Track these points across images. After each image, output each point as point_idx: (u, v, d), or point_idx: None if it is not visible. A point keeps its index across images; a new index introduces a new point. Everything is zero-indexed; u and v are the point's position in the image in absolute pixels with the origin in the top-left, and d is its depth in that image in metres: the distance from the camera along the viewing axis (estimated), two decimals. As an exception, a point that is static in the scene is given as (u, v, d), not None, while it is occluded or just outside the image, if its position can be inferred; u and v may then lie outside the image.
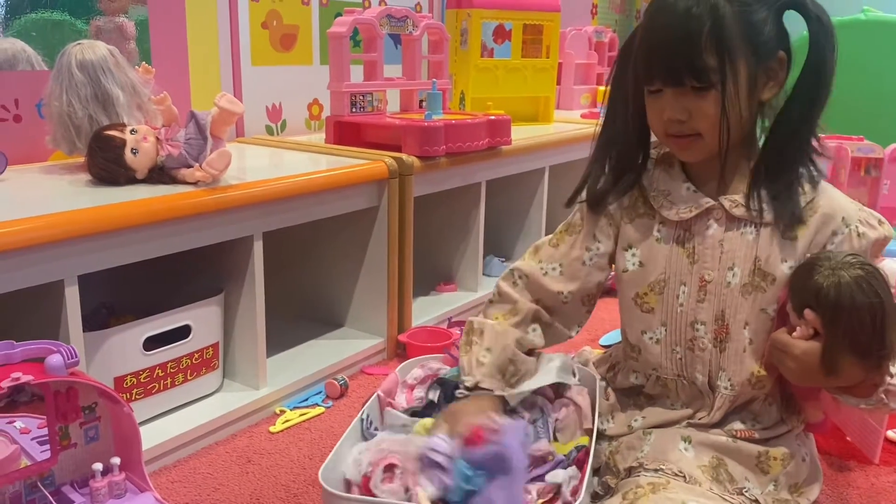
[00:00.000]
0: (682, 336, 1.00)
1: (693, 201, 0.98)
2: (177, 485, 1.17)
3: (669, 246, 1.00)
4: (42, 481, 0.96)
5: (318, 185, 1.44)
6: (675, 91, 0.91)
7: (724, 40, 0.87)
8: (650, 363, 1.03)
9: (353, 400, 1.46)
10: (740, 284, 0.96)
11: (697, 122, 0.91)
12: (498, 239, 2.28)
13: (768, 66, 0.92)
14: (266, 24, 1.93)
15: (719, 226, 0.98)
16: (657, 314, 1.02)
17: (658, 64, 0.91)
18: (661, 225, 1.01)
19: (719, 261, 0.97)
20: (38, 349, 0.91)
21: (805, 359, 0.89)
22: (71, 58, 1.33)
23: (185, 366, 1.30)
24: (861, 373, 0.89)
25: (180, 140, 1.28)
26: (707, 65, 0.88)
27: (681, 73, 0.89)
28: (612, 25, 3.94)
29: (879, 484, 1.19)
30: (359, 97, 1.79)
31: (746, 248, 0.96)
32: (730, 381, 0.98)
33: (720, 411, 0.98)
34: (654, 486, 0.91)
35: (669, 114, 0.92)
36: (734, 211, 0.96)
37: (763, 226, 0.96)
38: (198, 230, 1.24)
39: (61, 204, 1.11)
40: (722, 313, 0.97)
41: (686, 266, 0.99)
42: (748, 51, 0.89)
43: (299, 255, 1.74)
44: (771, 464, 0.96)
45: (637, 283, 1.03)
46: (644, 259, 1.02)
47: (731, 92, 0.89)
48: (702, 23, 0.87)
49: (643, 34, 0.94)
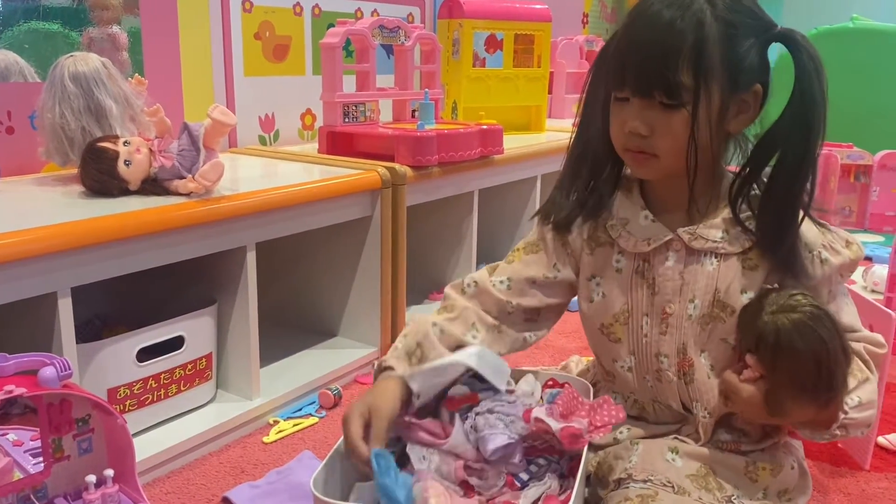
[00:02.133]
0: (649, 366, 0.99)
1: (651, 233, 0.95)
2: (171, 496, 1.17)
3: (629, 277, 0.98)
4: (35, 494, 0.95)
5: (311, 196, 1.44)
6: (643, 103, 0.87)
7: (704, 61, 0.83)
8: (627, 388, 1.03)
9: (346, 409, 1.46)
10: (699, 315, 0.94)
11: (659, 139, 0.87)
12: (491, 247, 2.28)
13: (742, 98, 0.88)
14: (259, 35, 1.93)
15: (678, 258, 0.94)
16: (625, 344, 1.00)
17: (631, 70, 0.86)
18: (619, 255, 0.98)
19: (680, 293, 0.95)
20: (31, 361, 0.91)
21: (752, 401, 0.89)
22: (64, 70, 1.34)
23: (178, 377, 1.30)
24: (811, 412, 0.88)
25: (173, 151, 1.28)
26: (681, 82, 0.83)
27: (652, 84, 0.85)
28: (602, 34, 3.96)
29: (870, 490, 1.20)
30: (351, 107, 1.80)
31: (707, 279, 0.94)
32: (705, 410, 0.97)
33: (706, 433, 0.98)
34: (643, 497, 0.91)
35: (632, 126, 0.88)
36: (693, 244, 0.93)
37: (724, 257, 0.93)
38: (191, 241, 1.24)
39: (54, 216, 1.11)
40: (684, 346, 0.96)
41: (647, 297, 0.97)
42: (725, 77, 0.85)
43: (292, 265, 1.75)
44: (759, 473, 0.97)
45: (602, 314, 1.00)
46: (606, 290, 1.00)
47: (701, 116, 0.84)
48: (684, 38, 0.82)
49: (621, 36, 0.89)
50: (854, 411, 0.90)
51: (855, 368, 0.92)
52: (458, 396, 0.98)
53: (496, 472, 0.95)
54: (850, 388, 0.90)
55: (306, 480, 1.14)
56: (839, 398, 0.88)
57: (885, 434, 1.33)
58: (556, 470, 0.95)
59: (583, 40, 3.06)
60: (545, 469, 0.94)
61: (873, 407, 0.92)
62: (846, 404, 0.89)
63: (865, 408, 0.90)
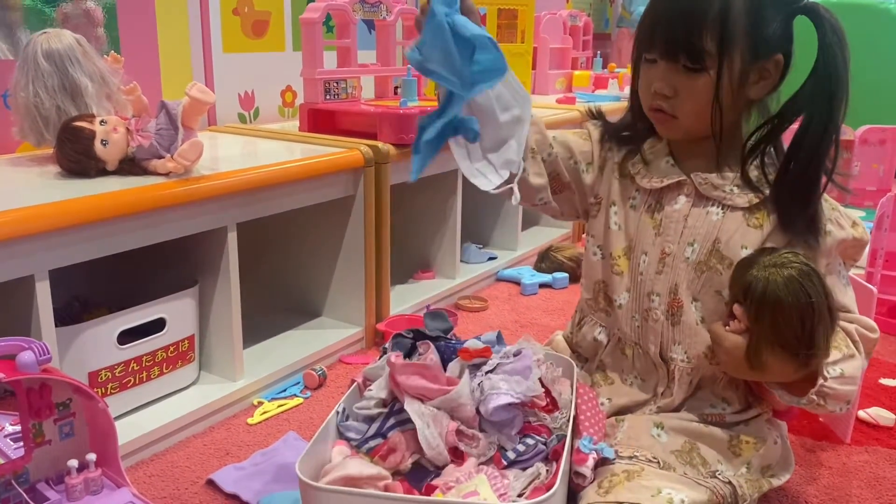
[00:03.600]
0: (640, 305, 1.02)
1: (666, 173, 1.01)
2: (154, 479, 1.16)
3: (639, 214, 1.03)
4: (16, 479, 0.95)
5: (292, 175, 1.42)
6: (669, 66, 0.93)
7: (727, 28, 0.88)
8: (614, 324, 1.06)
9: (331, 390, 1.46)
10: (695, 261, 0.98)
11: (680, 101, 0.93)
12: (475, 226, 2.28)
13: (763, 66, 0.93)
14: (237, 11, 1.90)
15: (687, 201, 1.00)
16: (624, 279, 1.04)
17: (660, 34, 0.92)
18: (636, 192, 1.04)
19: (681, 235, 0.99)
20: (9, 346, 0.90)
21: (734, 352, 0.91)
22: (37, 47, 1.30)
23: (160, 359, 1.28)
24: (790, 371, 0.89)
25: (151, 130, 1.26)
26: (704, 48, 0.89)
27: (678, 48, 0.91)
28: (586, 9, 3.94)
29: (851, 463, 1.22)
30: (333, 84, 1.78)
31: (709, 226, 0.98)
32: (686, 354, 0.99)
33: (681, 389, 1.00)
34: (629, 473, 0.92)
35: (657, 86, 0.94)
36: (703, 189, 0.98)
37: (730, 209, 0.97)
38: (170, 222, 1.22)
39: (30, 197, 1.09)
40: (676, 287, 0.99)
41: (651, 236, 1.02)
42: (747, 44, 0.90)
43: (275, 245, 1.73)
44: (742, 447, 0.98)
45: (614, 244, 1.05)
46: (621, 221, 1.05)
47: (724, 82, 0.90)
48: (710, 6, 0.88)
49: (653, 1, 0.95)
50: (835, 381, 0.90)
51: (842, 343, 0.93)
52: (473, 349, 1.01)
53: (487, 442, 0.96)
54: (835, 359, 0.91)
55: (291, 461, 1.15)
56: (819, 359, 0.89)
57: (866, 408, 1.34)
58: (542, 451, 0.96)
59: (566, 15, 3.03)
60: (533, 450, 0.95)
61: (855, 384, 0.92)
62: (827, 373, 0.90)
63: (847, 381, 0.91)
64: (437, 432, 0.94)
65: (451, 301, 1.94)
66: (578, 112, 2.41)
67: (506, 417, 0.97)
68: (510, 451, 0.96)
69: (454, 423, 0.96)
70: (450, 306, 1.91)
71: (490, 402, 0.95)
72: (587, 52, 3.23)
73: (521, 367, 1.00)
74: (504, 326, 1.78)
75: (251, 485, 1.13)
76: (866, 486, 1.15)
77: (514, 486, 0.90)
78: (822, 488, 1.15)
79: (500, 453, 0.97)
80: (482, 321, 1.83)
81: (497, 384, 0.97)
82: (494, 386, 0.97)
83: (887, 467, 1.20)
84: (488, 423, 0.97)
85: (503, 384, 0.97)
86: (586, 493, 0.92)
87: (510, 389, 0.96)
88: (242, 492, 1.11)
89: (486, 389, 0.97)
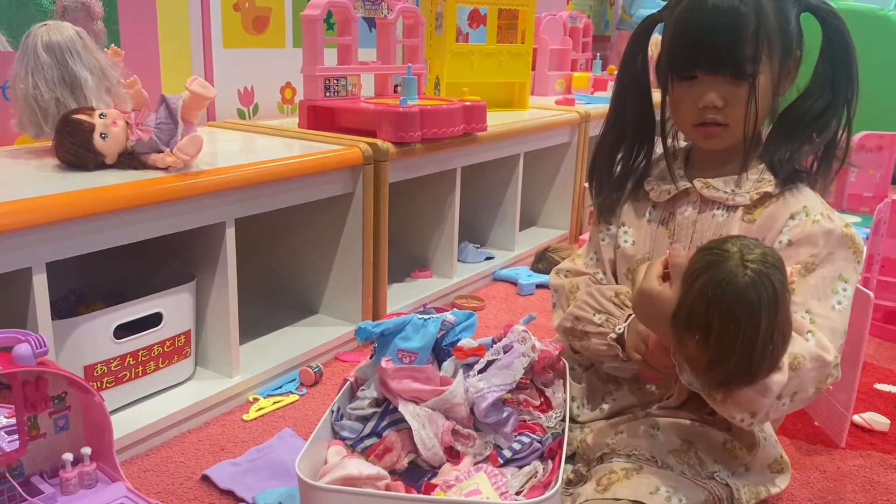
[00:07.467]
0: None
1: (673, 183, 1.03)
2: (149, 474, 1.16)
3: (655, 226, 1.05)
4: (11, 472, 0.94)
5: (291, 171, 1.42)
6: (712, 79, 0.93)
7: (765, 36, 0.91)
8: None
9: (327, 387, 1.46)
10: None
11: (731, 110, 0.94)
12: (473, 225, 2.28)
13: (789, 64, 0.97)
14: (238, 6, 1.89)
15: (694, 208, 1.02)
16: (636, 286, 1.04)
17: (703, 52, 0.93)
18: (652, 208, 1.07)
19: (691, 240, 1.01)
20: (6, 338, 0.89)
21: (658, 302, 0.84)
22: (37, 39, 1.30)
23: (156, 354, 1.28)
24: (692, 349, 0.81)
25: (150, 124, 1.26)
26: (748, 56, 0.91)
27: (724, 64, 0.92)
28: (586, 11, 3.94)
29: (846, 467, 1.22)
30: (333, 81, 1.77)
31: (716, 228, 1.00)
32: None
33: (682, 389, 0.99)
34: (628, 471, 0.92)
35: (708, 99, 0.94)
36: (704, 192, 1.00)
37: (732, 209, 0.99)
38: (169, 216, 1.22)
39: (28, 190, 1.08)
40: None
41: (666, 245, 1.03)
42: (780, 46, 0.94)
43: (273, 242, 1.73)
44: (737, 453, 0.98)
45: (628, 259, 1.07)
46: (636, 237, 1.07)
47: (764, 84, 0.93)
48: (748, 20, 0.90)
49: (680, 25, 0.94)
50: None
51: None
52: (468, 348, 1.01)
53: (483, 441, 0.96)
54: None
55: (287, 458, 1.15)
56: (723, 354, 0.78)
57: (861, 413, 1.35)
58: (537, 450, 0.96)
59: (566, 16, 3.03)
60: (528, 449, 0.95)
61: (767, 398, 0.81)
62: None
63: (758, 391, 0.81)
64: (433, 433, 0.94)
65: (448, 300, 1.94)
66: (577, 114, 2.41)
67: (500, 417, 0.97)
68: (506, 450, 0.96)
69: (449, 423, 0.96)
70: (446, 305, 1.91)
71: (479, 405, 0.95)
72: (587, 54, 3.23)
73: (509, 362, 1.00)
74: (500, 326, 1.77)
75: (246, 480, 1.12)
76: (860, 491, 1.15)
77: (511, 485, 0.90)
78: (817, 492, 1.15)
79: (497, 452, 0.97)
80: (479, 321, 1.82)
81: (476, 385, 0.97)
82: (476, 388, 0.98)
83: (882, 472, 1.21)
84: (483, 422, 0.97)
85: (482, 384, 0.97)
86: (584, 491, 0.92)
87: (491, 387, 0.96)
88: (237, 487, 1.10)
89: (472, 395, 0.97)
